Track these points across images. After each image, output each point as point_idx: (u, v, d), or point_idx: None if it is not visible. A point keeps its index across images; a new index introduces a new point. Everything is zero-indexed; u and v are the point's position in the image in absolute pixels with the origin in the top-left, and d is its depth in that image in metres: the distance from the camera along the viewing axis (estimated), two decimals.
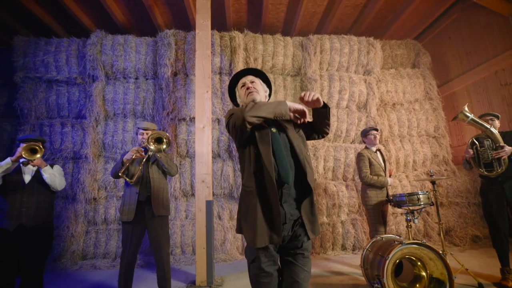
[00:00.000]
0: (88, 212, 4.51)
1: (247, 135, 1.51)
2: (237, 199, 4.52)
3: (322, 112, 1.58)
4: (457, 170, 5.09)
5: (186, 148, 4.59)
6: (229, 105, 4.68)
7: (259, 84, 1.74)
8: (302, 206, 1.44)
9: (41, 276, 2.39)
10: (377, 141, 3.46)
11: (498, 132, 2.95)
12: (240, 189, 4.47)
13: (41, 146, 2.31)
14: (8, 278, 2.21)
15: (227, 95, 4.69)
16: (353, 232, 4.41)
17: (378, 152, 3.49)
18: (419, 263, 2.36)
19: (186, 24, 5.57)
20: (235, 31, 4.85)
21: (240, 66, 4.76)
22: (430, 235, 4.57)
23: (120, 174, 2.43)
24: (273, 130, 1.54)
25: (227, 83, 4.71)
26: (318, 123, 1.64)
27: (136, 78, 4.81)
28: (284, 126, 1.58)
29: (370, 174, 3.28)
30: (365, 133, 3.51)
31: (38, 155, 2.27)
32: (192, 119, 4.56)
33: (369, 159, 3.33)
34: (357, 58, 5.14)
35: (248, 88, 1.66)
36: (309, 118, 1.58)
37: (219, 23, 5.46)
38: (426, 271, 2.33)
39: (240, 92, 1.75)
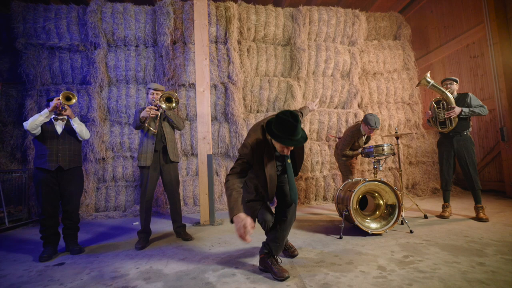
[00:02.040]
0: (97, 171, 5.01)
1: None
2: (232, 157, 5.10)
3: None
4: (426, 133, 5.79)
5: (186, 112, 5.05)
6: (225, 71, 5.08)
7: None
8: None
9: (78, 211, 2.96)
10: (371, 135, 3.82)
11: (457, 94, 3.54)
12: (234, 149, 5.03)
13: (74, 94, 2.75)
14: (54, 208, 2.76)
15: (223, 62, 5.08)
16: (333, 185, 5.13)
17: (365, 136, 3.90)
18: (377, 195, 3.04)
19: None
20: (229, 1, 5.11)
21: (234, 35, 5.09)
22: (399, 189, 5.33)
23: (146, 124, 2.97)
24: (289, 161, 2.02)
25: (223, 51, 5.09)
26: None
27: (137, 46, 5.09)
28: (295, 151, 2.13)
29: (349, 150, 3.82)
30: (367, 123, 3.57)
31: (74, 100, 2.73)
32: (191, 85, 4.97)
33: (354, 142, 3.79)
34: (343, 30, 5.53)
35: (285, 152, 1.93)
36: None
37: None
38: (383, 200, 3.02)
39: (277, 144, 1.92)
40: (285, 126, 1.78)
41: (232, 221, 1.75)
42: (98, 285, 2.04)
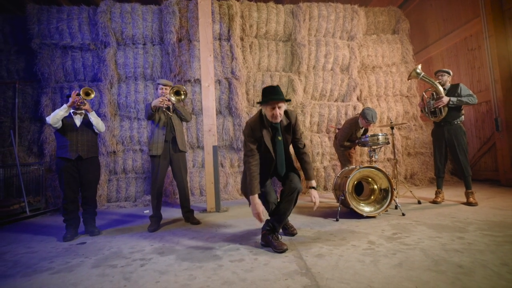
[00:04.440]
0: (109, 163, 5.29)
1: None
2: (236, 149, 5.35)
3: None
4: (424, 125, 5.95)
5: (191, 106, 5.30)
6: (228, 67, 5.31)
7: (283, 107, 2.31)
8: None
9: (95, 197, 3.25)
10: (368, 128, 4.06)
11: (450, 85, 3.71)
12: (238, 141, 5.27)
13: (93, 90, 3.02)
14: (75, 194, 3.05)
15: (226, 58, 5.30)
16: (333, 175, 5.35)
17: (363, 128, 4.11)
18: (371, 180, 3.26)
19: None
20: (232, 0, 5.31)
21: (237, 32, 5.30)
22: (394, 176, 5.52)
23: (165, 109, 3.26)
24: (279, 138, 2.35)
25: (226, 48, 5.32)
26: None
27: (144, 44, 5.34)
28: (284, 133, 2.43)
29: (347, 141, 4.05)
30: (364, 117, 3.76)
31: (92, 95, 3.00)
32: (196, 81, 5.21)
33: (352, 134, 4.01)
34: (342, 25, 5.70)
35: (275, 116, 2.26)
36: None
37: None
38: (377, 185, 3.24)
39: (267, 109, 2.28)
40: (267, 90, 2.29)
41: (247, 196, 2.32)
42: (118, 258, 2.31)
